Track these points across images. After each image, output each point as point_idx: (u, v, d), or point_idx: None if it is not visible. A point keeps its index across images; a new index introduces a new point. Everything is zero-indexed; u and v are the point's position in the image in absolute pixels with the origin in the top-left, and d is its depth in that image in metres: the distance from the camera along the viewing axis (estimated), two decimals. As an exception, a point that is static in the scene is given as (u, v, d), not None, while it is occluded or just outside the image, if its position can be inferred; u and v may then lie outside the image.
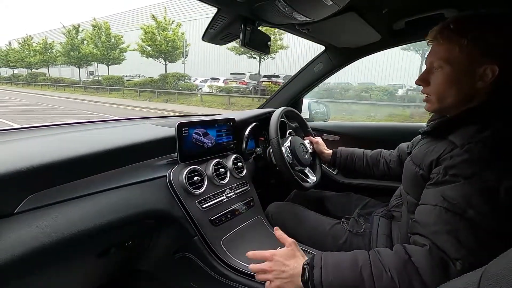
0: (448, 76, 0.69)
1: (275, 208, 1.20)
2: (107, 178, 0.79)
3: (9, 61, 30.67)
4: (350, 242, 0.97)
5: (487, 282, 0.35)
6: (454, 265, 0.56)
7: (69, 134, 1.05)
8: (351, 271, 0.62)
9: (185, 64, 19.34)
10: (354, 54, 1.45)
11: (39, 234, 0.61)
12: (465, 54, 0.65)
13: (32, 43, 28.77)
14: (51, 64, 28.00)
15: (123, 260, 0.97)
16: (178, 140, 0.94)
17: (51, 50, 26.77)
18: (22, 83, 29.40)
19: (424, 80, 0.75)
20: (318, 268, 0.64)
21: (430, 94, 0.75)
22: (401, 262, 0.60)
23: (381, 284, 0.58)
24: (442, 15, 1.01)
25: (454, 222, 0.58)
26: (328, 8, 0.82)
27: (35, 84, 27.64)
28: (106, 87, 20.93)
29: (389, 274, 0.59)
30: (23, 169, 0.64)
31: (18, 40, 29.89)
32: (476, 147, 0.61)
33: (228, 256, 0.90)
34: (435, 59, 0.71)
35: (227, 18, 0.92)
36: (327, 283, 0.61)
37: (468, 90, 0.68)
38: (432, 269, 0.57)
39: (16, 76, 32.51)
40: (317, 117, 1.94)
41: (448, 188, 0.62)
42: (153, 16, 18.27)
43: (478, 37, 0.64)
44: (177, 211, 0.88)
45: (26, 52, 28.74)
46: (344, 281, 0.61)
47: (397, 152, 1.16)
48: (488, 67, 0.64)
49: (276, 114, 1.16)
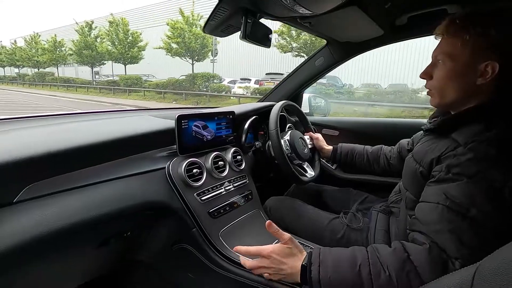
0: (449, 71, 0.70)
1: (273, 202, 1.20)
2: (106, 169, 0.79)
3: (16, 60, 29.52)
4: (348, 237, 0.98)
5: (481, 278, 0.35)
6: (453, 264, 0.56)
7: (69, 124, 1.04)
8: (350, 269, 0.62)
9: (214, 63, 18.37)
10: (356, 48, 1.44)
11: (38, 224, 0.62)
12: (467, 49, 0.66)
13: (40, 41, 27.34)
14: (60, 63, 26.57)
15: (122, 251, 0.97)
16: (177, 132, 0.94)
17: (61, 49, 25.27)
18: (29, 83, 27.75)
19: (427, 73, 0.76)
20: (316, 266, 0.64)
21: (432, 88, 0.76)
22: (399, 261, 0.60)
23: (379, 283, 0.59)
24: (445, 10, 1.00)
25: (456, 221, 0.58)
26: (330, 2, 0.82)
27: (43, 84, 25.95)
28: (124, 87, 18.92)
29: (387, 273, 0.59)
30: (23, 158, 0.64)
31: (25, 37, 28.65)
32: (480, 146, 0.61)
33: (226, 248, 0.91)
34: (439, 53, 0.72)
35: (228, 10, 0.91)
36: (325, 282, 0.62)
37: (468, 86, 0.68)
38: (431, 268, 0.57)
39: (22, 75, 30.85)
40: (317, 112, 1.94)
41: (451, 187, 0.61)
42: (181, 11, 17.07)
43: (480, 33, 0.64)
44: (176, 203, 0.89)
45: (34, 50, 27.47)
46: (342, 280, 0.61)
47: (398, 149, 1.16)
48: (489, 63, 0.64)
49: (276, 108, 1.16)
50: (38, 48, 27.08)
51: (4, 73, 36.23)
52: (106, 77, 24.50)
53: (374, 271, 0.60)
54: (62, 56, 25.28)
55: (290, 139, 1.21)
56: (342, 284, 0.61)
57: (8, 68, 34.30)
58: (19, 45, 31.04)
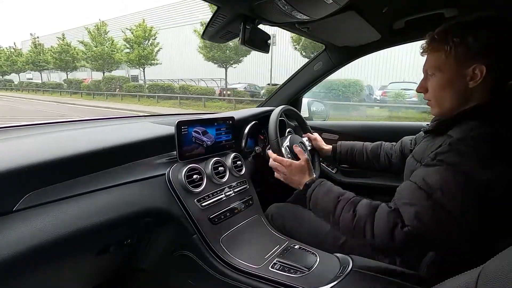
0: (441, 81, 0.75)
1: (275, 209, 1.20)
2: (106, 176, 0.79)
3: (24, 63, 27.59)
4: (350, 242, 0.97)
5: (485, 280, 0.35)
6: (402, 228, 0.65)
7: (68, 132, 1.04)
8: (333, 199, 0.80)
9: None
10: (354, 53, 1.45)
11: (38, 232, 0.61)
12: (450, 59, 0.71)
13: (41, 44, 26.28)
14: (70, 68, 24.52)
15: (122, 258, 0.97)
16: (177, 138, 0.94)
17: (71, 52, 23.51)
18: (36, 89, 26.46)
19: (422, 87, 0.81)
20: (311, 189, 0.86)
21: (430, 100, 0.80)
22: (367, 211, 0.72)
23: (343, 217, 0.75)
24: (442, 14, 1.01)
25: (421, 198, 0.65)
26: (328, 7, 0.82)
27: (53, 91, 24.55)
28: (153, 94, 17.80)
29: (353, 214, 0.74)
30: (22, 166, 0.64)
31: (33, 40, 26.97)
32: (472, 141, 0.64)
33: (227, 254, 0.90)
34: (428, 67, 0.78)
35: (226, 16, 0.91)
36: (313, 200, 0.85)
37: (462, 91, 0.72)
38: (384, 225, 0.68)
39: (27, 83, 29.45)
40: (316, 116, 1.94)
41: (431, 170, 0.67)
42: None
43: (459, 43, 0.69)
44: (176, 210, 0.88)
45: (40, 54, 25.94)
46: (323, 202, 0.82)
47: (400, 147, 1.15)
48: (476, 67, 0.68)
49: (275, 113, 1.16)
50: (45, 51, 25.91)
51: (19, 79, 33.20)
52: (140, 81, 22.53)
53: (347, 208, 0.76)
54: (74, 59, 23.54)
55: (290, 144, 1.21)
56: (322, 205, 0.82)
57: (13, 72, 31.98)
58: (18, 47, 30.31)
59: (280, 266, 0.86)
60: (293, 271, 0.84)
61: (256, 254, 0.92)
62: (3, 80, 32.81)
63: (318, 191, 0.84)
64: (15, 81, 33.03)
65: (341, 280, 0.76)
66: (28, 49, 27.53)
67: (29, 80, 31.82)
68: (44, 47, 26.54)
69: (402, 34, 1.22)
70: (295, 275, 0.82)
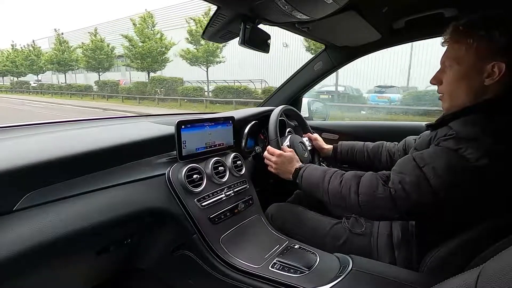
0: (457, 74, 0.73)
1: (275, 209, 1.20)
2: (106, 176, 0.79)
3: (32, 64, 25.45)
4: (351, 242, 0.97)
5: (485, 280, 0.35)
6: (383, 187, 0.71)
7: (68, 131, 1.04)
8: (320, 173, 0.88)
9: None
10: (354, 53, 1.45)
11: (38, 232, 0.61)
12: (471, 52, 0.69)
13: (66, 40, 23.06)
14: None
15: (122, 258, 0.97)
16: (177, 138, 0.94)
17: (105, 49, 20.65)
18: (43, 92, 24.49)
19: (437, 79, 0.80)
20: (302, 171, 0.95)
21: (443, 93, 0.79)
22: (354, 175, 0.79)
23: (332, 185, 0.82)
24: (442, 14, 1.01)
25: (411, 169, 0.69)
26: (328, 7, 0.82)
27: (62, 93, 22.80)
28: (176, 97, 15.85)
29: (340, 179, 0.81)
30: (22, 166, 0.64)
31: (57, 37, 23.24)
32: (472, 131, 0.65)
33: (227, 254, 0.90)
34: (446, 59, 0.76)
35: (226, 16, 0.91)
36: (304, 180, 0.93)
37: (476, 87, 0.71)
38: (369, 183, 0.74)
39: (39, 86, 26.65)
40: (316, 116, 1.94)
41: (429, 149, 0.71)
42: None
43: (483, 37, 0.67)
44: (176, 209, 0.88)
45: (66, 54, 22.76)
46: (313, 178, 0.90)
47: (403, 145, 1.15)
48: (495, 64, 0.66)
49: (275, 113, 1.16)
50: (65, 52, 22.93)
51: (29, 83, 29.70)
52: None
53: (334, 176, 0.83)
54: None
55: (290, 144, 1.21)
56: (311, 180, 0.90)
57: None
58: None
59: (280, 266, 0.86)
60: (293, 270, 0.84)
61: (256, 254, 0.92)
62: (19, 82, 29.21)
63: (307, 171, 0.94)
64: (31, 82, 29.42)
65: (341, 280, 0.76)
66: (52, 47, 24.44)
67: (37, 82, 29.05)
68: (69, 44, 23.46)
69: (402, 34, 1.22)
70: (295, 275, 0.82)
